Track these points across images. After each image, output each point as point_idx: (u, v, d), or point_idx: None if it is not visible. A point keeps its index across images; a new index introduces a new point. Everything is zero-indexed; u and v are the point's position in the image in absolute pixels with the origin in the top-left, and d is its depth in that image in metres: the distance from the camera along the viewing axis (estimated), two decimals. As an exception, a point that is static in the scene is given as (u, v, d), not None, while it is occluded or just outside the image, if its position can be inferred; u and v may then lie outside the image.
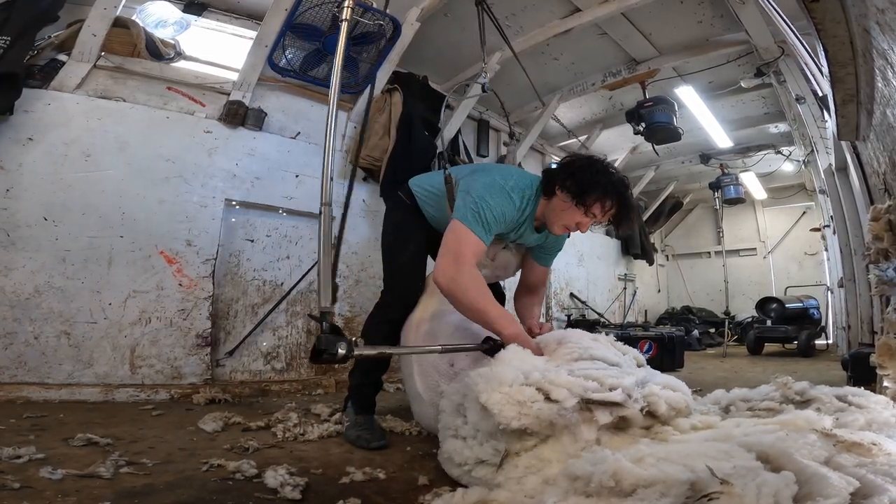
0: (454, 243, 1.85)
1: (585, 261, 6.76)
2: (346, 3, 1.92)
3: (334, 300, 1.64)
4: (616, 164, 6.39)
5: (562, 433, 1.38)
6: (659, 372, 1.75)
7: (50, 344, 2.63)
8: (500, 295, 2.58)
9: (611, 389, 1.43)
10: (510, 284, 2.54)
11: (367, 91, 3.62)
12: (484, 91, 3.34)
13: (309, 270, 3.54)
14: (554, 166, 2.07)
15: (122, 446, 1.76)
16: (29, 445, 1.62)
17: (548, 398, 1.39)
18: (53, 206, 2.73)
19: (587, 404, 1.41)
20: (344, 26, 1.89)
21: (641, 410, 1.45)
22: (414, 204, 2.27)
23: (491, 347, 1.82)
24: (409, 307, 2.20)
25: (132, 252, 2.89)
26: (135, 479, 1.46)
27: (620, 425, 1.46)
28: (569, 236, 2.29)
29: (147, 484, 1.42)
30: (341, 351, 1.43)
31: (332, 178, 1.82)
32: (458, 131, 4.55)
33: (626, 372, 1.61)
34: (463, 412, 1.57)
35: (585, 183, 1.91)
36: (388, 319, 2.19)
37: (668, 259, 9.41)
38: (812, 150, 4.38)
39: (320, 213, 1.72)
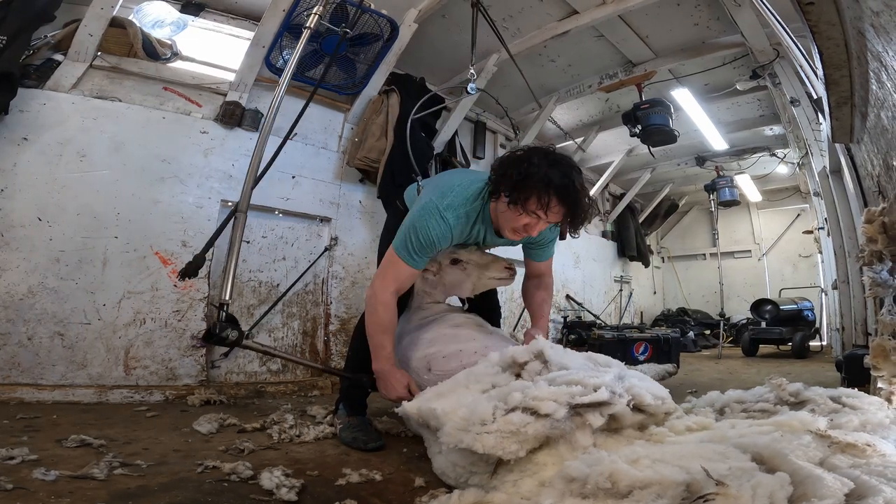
0: (385, 265, 1.97)
1: (582, 263, 6.78)
2: (314, 10, 1.97)
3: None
4: (612, 166, 6.45)
5: (557, 442, 1.37)
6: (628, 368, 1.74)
7: (43, 345, 2.61)
8: (493, 306, 2.57)
9: (595, 389, 1.41)
10: (509, 292, 2.52)
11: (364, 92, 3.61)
12: (468, 93, 3.35)
13: (305, 272, 3.54)
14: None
15: (116, 447, 1.75)
16: (22, 447, 1.60)
17: (537, 415, 1.35)
18: (48, 206, 2.71)
19: (576, 410, 1.39)
20: (306, 33, 1.95)
21: (628, 405, 1.45)
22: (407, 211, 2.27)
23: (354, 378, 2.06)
24: (399, 307, 2.21)
25: (127, 253, 2.87)
26: (129, 480, 1.45)
27: (613, 426, 1.46)
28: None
29: (141, 485, 1.42)
30: (231, 336, 1.71)
31: (253, 185, 1.99)
32: (455, 133, 4.56)
33: (601, 370, 1.60)
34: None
35: (517, 179, 1.74)
36: None
37: (663, 261, 9.43)
38: (806, 153, 4.40)
39: (234, 219, 1.89)
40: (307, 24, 1.96)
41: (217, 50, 3.53)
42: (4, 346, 2.53)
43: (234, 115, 3.29)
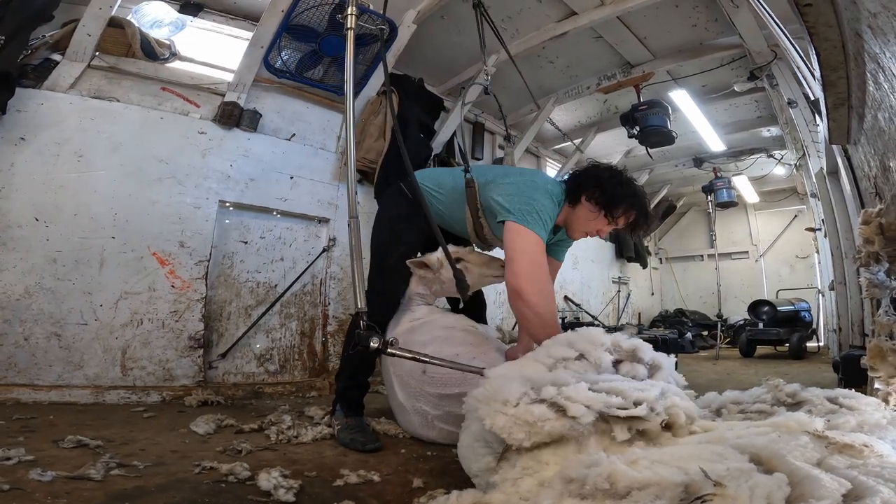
0: (524, 245, 1.89)
1: (580, 264, 6.78)
2: (349, 11, 1.88)
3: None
4: (610, 168, 6.46)
5: (567, 442, 1.34)
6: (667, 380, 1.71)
7: (40, 345, 2.60)
8: (481, 299, 2.60)
9: (635, 404, 1.36)
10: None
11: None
12: (487, 93, 3.35)
13: (303, 273, 3.53)
14: (576, 173, 2.12)
15: (112, 448, 1.75)
16: (18, 447, 1.60)
17: (562, 413, 1.31)
18: (45, 206, 2.70)
19: (605, 418, 1.35)
20: (350, 35, 1.87)
21: (661, 423, 1.40)
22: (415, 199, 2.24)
23: None
24: (394, 308, 2.25)
25: (124, 253, 2.86)
26: (126, 481, 1.44)
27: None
28: None
29: (138, 486, 1.41)
30: (374, 344, 1.62)
31: (356, 192, 1.86)
32: (454, 134, 4.56)
33: (649, 383, 1.53)
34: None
35: (615, 195, 1.99)
36: (373, 320, 2.17)
37: (661, 262, 9.45)
38: (804, 154, 4.41)
39: (349, 226, 1.87)
40: (349, 26, 1.87)
41: (215, 50, 3.53)
42: (1, 346, 2.52)
43: (232, 116, 3.28)
